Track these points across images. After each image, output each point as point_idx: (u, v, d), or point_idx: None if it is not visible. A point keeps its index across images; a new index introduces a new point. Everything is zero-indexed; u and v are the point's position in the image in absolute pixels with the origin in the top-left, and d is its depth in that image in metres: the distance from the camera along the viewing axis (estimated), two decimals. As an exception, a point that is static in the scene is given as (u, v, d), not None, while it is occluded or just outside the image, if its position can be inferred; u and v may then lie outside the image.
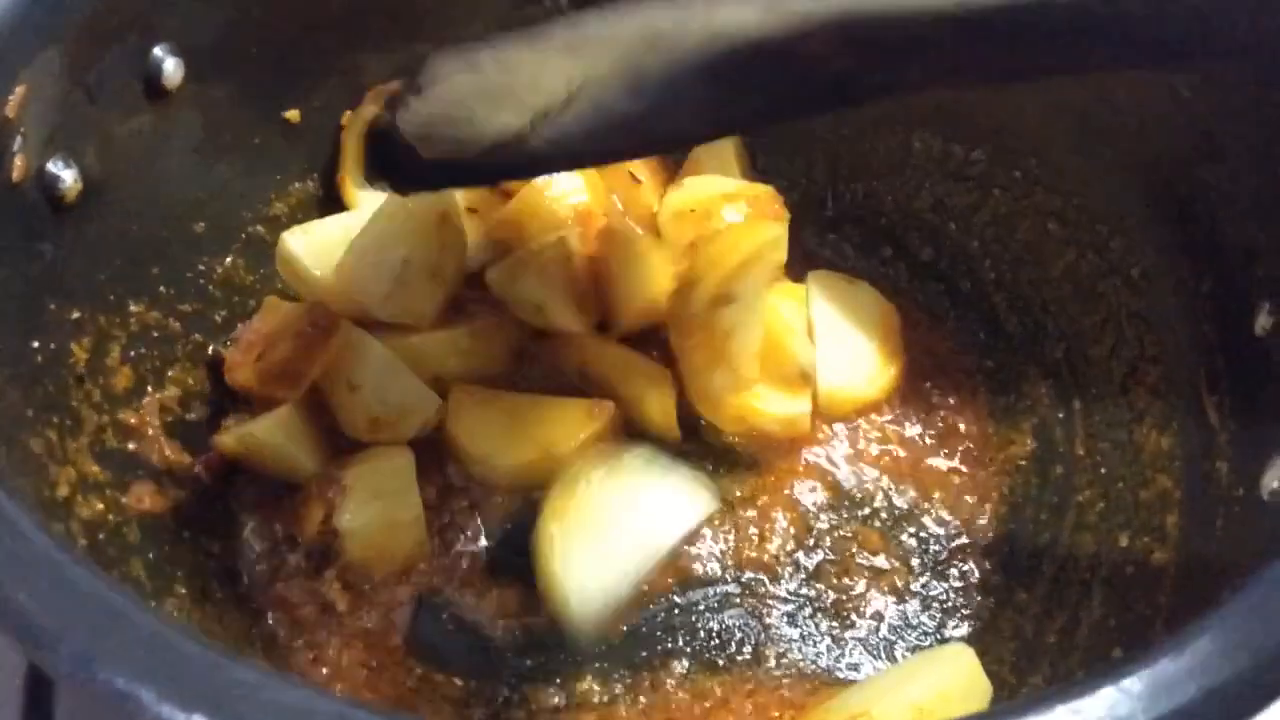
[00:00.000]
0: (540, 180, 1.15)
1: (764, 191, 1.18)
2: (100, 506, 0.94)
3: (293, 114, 1.17)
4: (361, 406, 1.08)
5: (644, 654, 1.04)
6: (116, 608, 0.61)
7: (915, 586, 1.08)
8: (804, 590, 1.08)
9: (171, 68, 1.01)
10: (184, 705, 0.59)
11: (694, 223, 1.15)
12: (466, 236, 1.14)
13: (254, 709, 0.59)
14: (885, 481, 1.15)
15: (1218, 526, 0.93)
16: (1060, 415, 1.15)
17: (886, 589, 1.08)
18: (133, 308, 1.05)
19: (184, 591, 1.00)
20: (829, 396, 1.17)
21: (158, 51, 1.00)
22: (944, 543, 1.11)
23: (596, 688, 1.02)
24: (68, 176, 0.93)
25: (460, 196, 1.14)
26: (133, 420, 1.03)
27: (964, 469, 1.16)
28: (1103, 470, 1.09)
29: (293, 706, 0.59)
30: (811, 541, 1.11)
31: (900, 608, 1.07)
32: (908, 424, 1.18)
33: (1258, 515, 0.87)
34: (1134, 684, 0.61)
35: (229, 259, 1.16)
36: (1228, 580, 0.72)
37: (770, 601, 1.07)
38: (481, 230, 1.17)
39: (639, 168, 1.25)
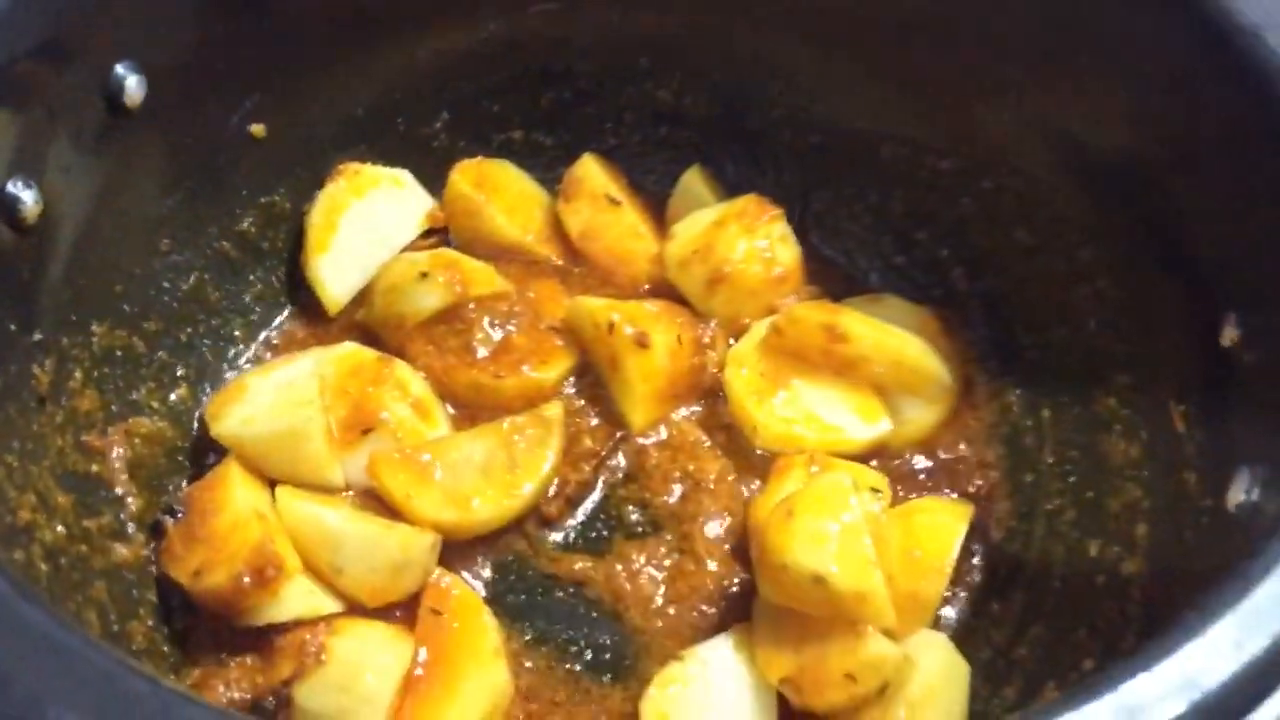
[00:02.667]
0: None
1: (747, 201, 1.19)
2: (62, 530, 0.93)
3: (258, 129, 1.16)
4: (354, 583, 1.02)
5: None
6: (68, 646, 0.60)
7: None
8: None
9: (134, 85, 1.00)
10: (136, 745, 0.58)
11: (701, 263, 1.18)
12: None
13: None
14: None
15: (1187, 537, 0.93)
16: (1030, 423, 1.15)
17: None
18: (95, 328, 1.04)
19: (148, 613, 1.00)
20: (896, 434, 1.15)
21: (119, 69, 0.99)
22: (916, 552, 1.10)
23: None
24: (28, 198, 0.92)
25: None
26: (97, 443, 1.02)
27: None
28: (1072, 479, 1.09)
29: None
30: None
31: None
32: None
33: (1226, 526, 0.87)
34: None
35: (195, 275, 1.16)
36: (1197, 591, 0.73)
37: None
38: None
39: (617, 191, 1.25)
